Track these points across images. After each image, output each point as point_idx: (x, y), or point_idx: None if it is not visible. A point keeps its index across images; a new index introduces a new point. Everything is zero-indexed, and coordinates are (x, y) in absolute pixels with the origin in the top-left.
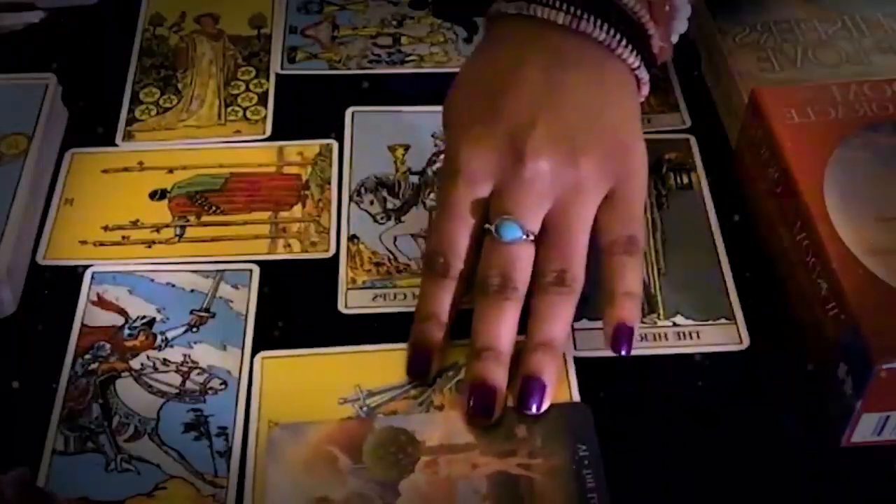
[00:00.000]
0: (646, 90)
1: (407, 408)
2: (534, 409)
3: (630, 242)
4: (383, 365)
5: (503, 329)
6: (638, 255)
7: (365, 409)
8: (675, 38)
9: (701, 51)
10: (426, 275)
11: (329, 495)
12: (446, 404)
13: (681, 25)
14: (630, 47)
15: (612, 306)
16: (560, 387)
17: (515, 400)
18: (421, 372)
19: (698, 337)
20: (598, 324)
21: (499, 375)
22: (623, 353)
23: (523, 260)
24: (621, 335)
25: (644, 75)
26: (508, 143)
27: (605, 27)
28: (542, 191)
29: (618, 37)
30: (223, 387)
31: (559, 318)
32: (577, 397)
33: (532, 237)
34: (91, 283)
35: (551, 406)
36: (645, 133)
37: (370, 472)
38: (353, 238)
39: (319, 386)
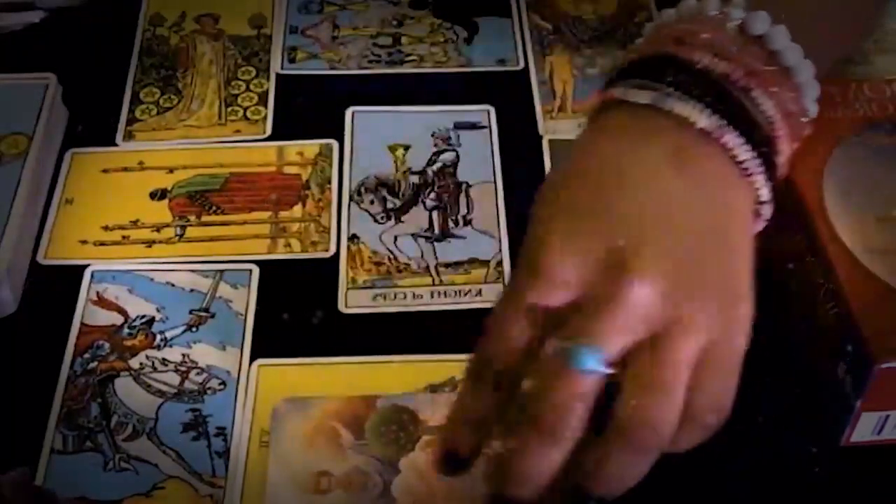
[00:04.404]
0: (759, 226)
1: None
2: None
3: (718, 414)
4: (380, 374)
5: (543, 480)
6: (710, 434)
7: None
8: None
9: None
10: (469, 377)
11: (330, 469)
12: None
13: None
14: (766, 176)
15: None
16: None
17: None
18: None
19: None
20: None
21: None
22: None
23: (591, 398)
24: None
25: (767, 211)
26: (608, 252)
27: (748, 148)
28: (636, 320)
29: (758, 161)
30: (222, 387)
31: (626, 483)
32: None
33: (610, 373)
34: (91, 283)
35: None
36: None
37: (371, 448)
38: (353, 238)
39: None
